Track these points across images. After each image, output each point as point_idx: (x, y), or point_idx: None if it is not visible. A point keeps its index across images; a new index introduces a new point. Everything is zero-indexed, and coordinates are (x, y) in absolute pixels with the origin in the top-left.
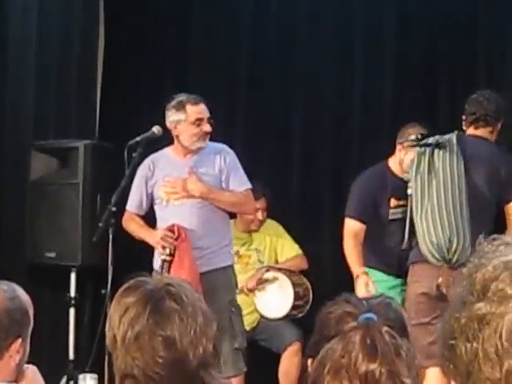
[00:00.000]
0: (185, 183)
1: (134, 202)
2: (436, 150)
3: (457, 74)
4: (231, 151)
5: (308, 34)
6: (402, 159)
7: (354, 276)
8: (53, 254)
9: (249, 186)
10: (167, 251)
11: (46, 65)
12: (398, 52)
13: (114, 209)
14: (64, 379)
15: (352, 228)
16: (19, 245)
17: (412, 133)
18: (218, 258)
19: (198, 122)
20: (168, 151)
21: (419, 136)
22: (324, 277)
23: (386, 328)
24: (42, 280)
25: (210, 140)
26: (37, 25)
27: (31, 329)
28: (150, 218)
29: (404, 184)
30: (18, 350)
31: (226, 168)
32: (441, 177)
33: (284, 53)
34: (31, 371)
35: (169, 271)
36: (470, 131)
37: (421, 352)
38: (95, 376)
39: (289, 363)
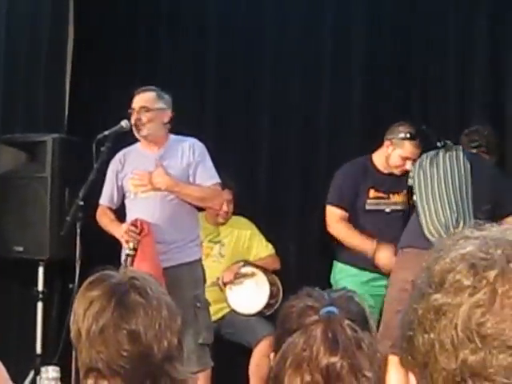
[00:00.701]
0: (151, 176)
1: (106, 195)
2: (441, 151)
3: (428, 73)
4: (201, 144)
5: (276, 35)
6: (390, 154)
7: (371, 251)
8: (21, 248)
9: (217, 180)
10: (130, 245)
11: (14, 58)
12: (367, 52)
13: (81, 203)
14: (31, 373)
15: (337, 214)
16: None
17: (402, 130)
18: (183, 253)
19: (132, 113)
20: (138, 145)
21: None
22: (289, 276)
23: (347, 321)
24: (10, 274)
25: (180, 134)
26: (5, 17)
27: None
28: (121, 212)
29: (386, 178)
30: None
31: (194, 161)
32: (448, 166)
33: (251, 52)
34: None
35: (132, 265)
36: None
37: None
38: (57, 369)
39: (260, 358)
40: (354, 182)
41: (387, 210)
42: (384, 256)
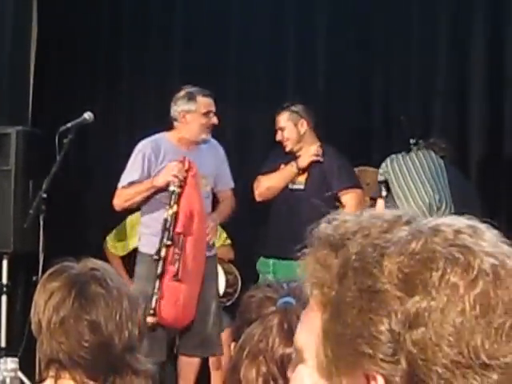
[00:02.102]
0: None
1: (131, 178)
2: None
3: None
4: (221, 147)
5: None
6: None
7: (292, 168)
8: None
9: (233, 185)
10: (177, 183)
11: None
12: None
13: (44, 195)
14: None
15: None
16: None
17: None
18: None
19: (208, 113)
20: (168, 139)
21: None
22: (250, 265)
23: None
24: None
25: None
26: None
27: None
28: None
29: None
30: None
31: (220, 164)
32: (423, 159)
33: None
34: None
35: (178, 203)
36: None
37: None
38: (16, 360)
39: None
40: (274, 159)
41: (290, 186)
42: (302, 159)
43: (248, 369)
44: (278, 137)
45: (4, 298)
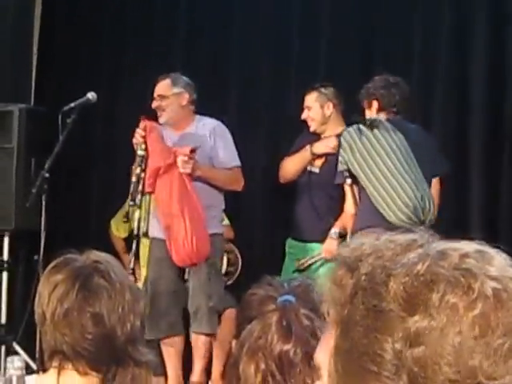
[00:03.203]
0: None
1: None
2: (364, 129)
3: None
4: (223, 127)
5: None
6: None
7: (307, 152)
8: None
9: (237, 163)
10: (143, 146)
11: None
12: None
13: (47, 175)
14: None
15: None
16: None
17: None
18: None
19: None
20: None
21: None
22: (252, 245)
23: (303, 310)
24: None
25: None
26: None
27: None
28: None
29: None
30: None
31: (215, 144)
32: (385, 144)
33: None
34: None
35: (146, 165)
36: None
37: None
38: (22, 358)
39: (224, 330)
40: (300, 140)
41: (309, 169)
42: (318, 145)
43: (247, 365)
44: (304, 115)
45: (5, 274)
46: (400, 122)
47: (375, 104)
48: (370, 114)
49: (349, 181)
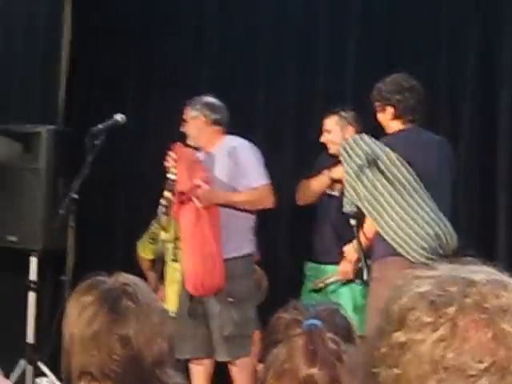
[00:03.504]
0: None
1: None
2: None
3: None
4: (246, 146)
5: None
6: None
7: (326, 177)
8: (14, 238)
9: (263, 181)
10: (173, 170)
11: (11, 49)
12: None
13: (75, 196)
14: (22, 362)
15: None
16: None
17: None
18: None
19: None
20: None
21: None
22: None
23: (329, 334)
24: (3, 263)
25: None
26: (1, 4)
27: None
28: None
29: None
30: None
31: (238, 166)
32: (392, 182)
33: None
34: None
35: (171, 190)
36: (400, 126)
37: None
38: (51, 380)
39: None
40: (319, 163)
41: (327, 192)
42: (336, 170)
43: None
44: (323, 138)
45: (32, 294)
46: (416, 133)
47: (390, 110)
48: (384, 119)
49: (353, 222)
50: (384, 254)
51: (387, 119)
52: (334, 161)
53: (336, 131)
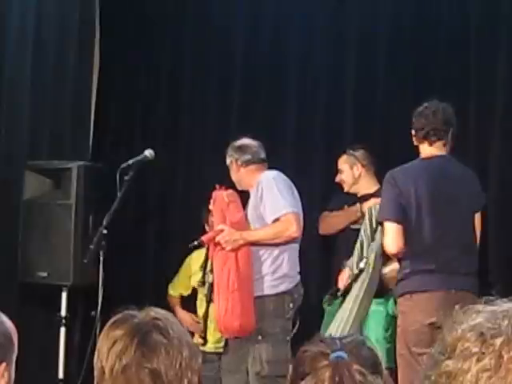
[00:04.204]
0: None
1: None
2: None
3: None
4: (269, 177)
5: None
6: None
7: (355, 211)
8: (44, 274)
9: (283, 211)
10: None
11: (41, 86)
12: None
13: (105, 231)
14: None
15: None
16: (11, 264)
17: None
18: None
19: None
20: None
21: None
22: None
23: (356, 366)
24: (34, 299)
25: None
26: (32, 43)
27: (15, 355)
28: None
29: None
30: (2, 374)
31: (260, 201)
32: None
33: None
34: None
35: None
36: (426, 150)
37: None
38: None
39: None
40: (337, 199)
41: (351, 226)
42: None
43: None
44: (337, 178)
45: (63, 330)
46: (428, 164)
47: (413, 134)
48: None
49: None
50: (411, 291)
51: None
52: (349, 199)
53: (346, 169)
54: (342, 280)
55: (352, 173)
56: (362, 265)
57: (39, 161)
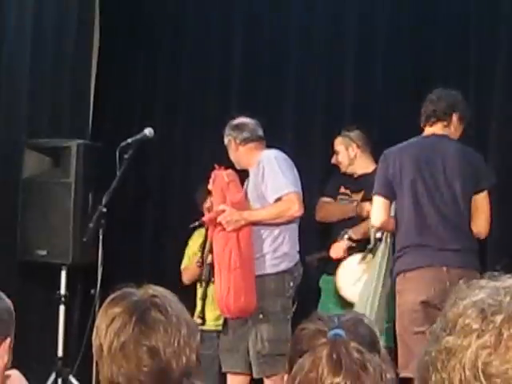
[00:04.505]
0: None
1: None
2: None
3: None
4: (271, 156)
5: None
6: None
7: (352, 208)
8: (44, 252)
9: (289, 189)
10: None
11: (40, 64)
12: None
13: (104, 209)
14: (53, 376)
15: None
16: (11, 242)
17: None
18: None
19: None
20: None
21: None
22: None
23: (353, 344)
24: (33, 277)
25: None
26: (31, 24)
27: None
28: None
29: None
30: (7, 350)
31: (262, 179)
32: None
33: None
34: (16, 375)
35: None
36: (428, 130)
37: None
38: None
39: None
40: (334, 182)
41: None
42: (364, 206)
43: None
44: (333, 160)
45: (62, 308)
46: (422, 141)
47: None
48: None
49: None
50: (405, 269)
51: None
52: (346, 180)
53: (342, 150)
54: (334, 249)
55: (348, 154)
56: (378, 234)
57: (39, 139)
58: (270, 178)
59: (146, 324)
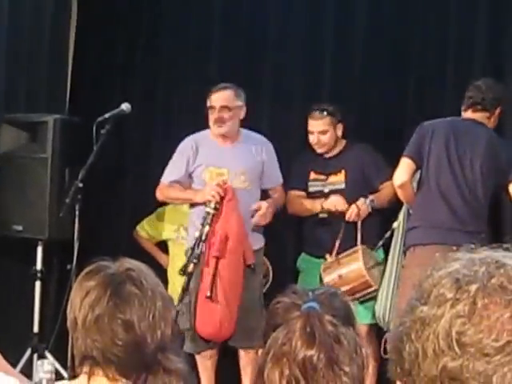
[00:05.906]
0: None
1: (173, 175)
2: None
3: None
4: (270, 145)
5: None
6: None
7: (318, 204)
8: (20, 227)
9: (282, 180)
10: (212, 205)
11: (17, 38)
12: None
13: (80, 185)
14: (28, 351)
15: (290, 195)
16: None
17: None
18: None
19: (211, 108)
20: (209, 135)
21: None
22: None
23: (328, 317)
24: (9, 252)
25: (251, 130)
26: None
27: None
28: None
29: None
30: None
31: (265, 162)
32: None
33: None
34: None
35: (211, 224)
36: (468, 114)
37: None
38: (51, 362)
39: None
40: (300, 169)
41: (326, 190)
42: (332, 200)
43: (272, 371)
44: (314, 139)
45: (38, 283)
46: (458, 123)
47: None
48: None
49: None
50: (413, 244)
51: None
52: (316, 163)
53: (330, 131)
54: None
55: (335, 134)
56: (395, 224)
57: (16, 114)
58: (275, 164)
59: (120, 297)
